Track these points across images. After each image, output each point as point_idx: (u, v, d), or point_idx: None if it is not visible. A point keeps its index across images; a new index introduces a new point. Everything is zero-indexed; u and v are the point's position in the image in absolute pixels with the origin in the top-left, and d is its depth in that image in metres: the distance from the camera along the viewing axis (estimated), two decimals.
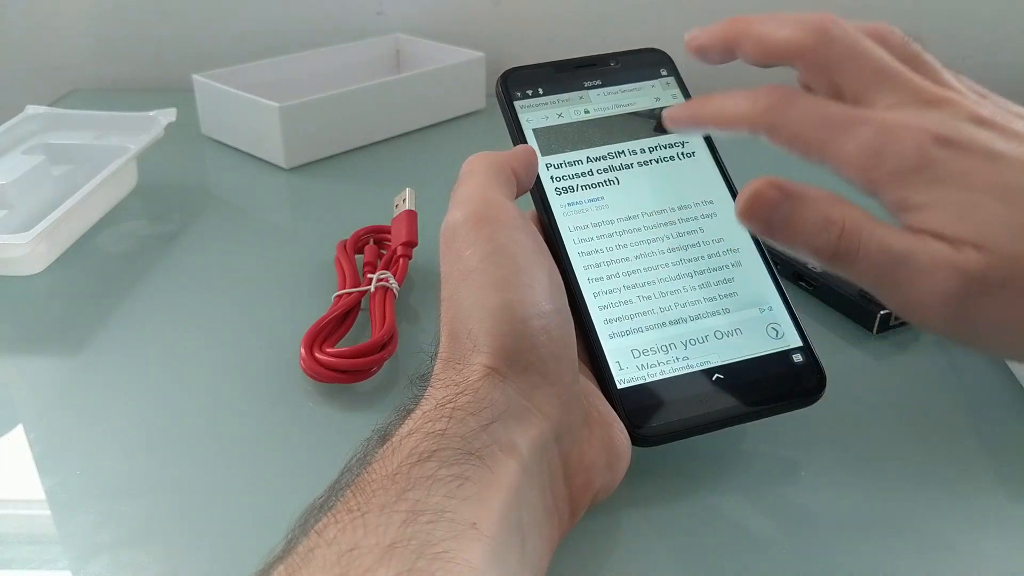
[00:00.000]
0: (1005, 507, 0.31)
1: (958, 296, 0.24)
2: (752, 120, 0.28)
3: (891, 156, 0.25)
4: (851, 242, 0.26)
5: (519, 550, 0.24)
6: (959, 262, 0.24)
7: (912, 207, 0.25)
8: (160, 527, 0.31)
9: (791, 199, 0.26)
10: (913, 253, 0.25)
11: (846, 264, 0.26)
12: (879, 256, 0.25)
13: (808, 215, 0.26)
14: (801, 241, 0.27)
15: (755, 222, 0.27)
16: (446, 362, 0.27)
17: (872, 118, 0.26)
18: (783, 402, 0.32)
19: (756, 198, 0.27)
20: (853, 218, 0.26)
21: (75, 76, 0.80)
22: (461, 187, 0.29)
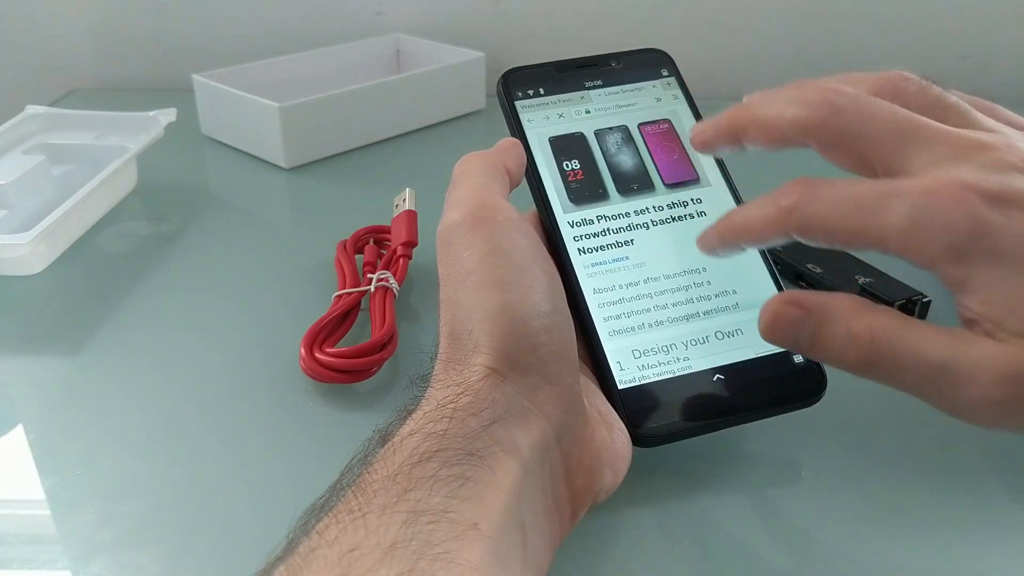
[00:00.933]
0: (1006, 508, 0.31)
1: (1010, 398, 0.23)
2: (781, 226, 0.26)
3: (939, 229, 0.23)
4: (883, 355, 0.24)
5: (520, 550, 0.24)
6: (1005, 365, 0.23)
7: (972, 288, 0.24)
8: (160, 527, 0.31)
9: (813, 316, 0.26)
10: (955, 360, 0.24)
11: (884, 377, 0.25)
12: (916, 366, 0.24)
13: (833, 331, 0.25)
14: (831, 358, 0.26)
15: (780, 342, 0.27)
16: (446, 363, 0.27)
17: (906, 187, 0.24)
18: (784, 403, 0.32)
19: (777, 319, 0.26)
20: (880, 329, 0.25)
21: (75, 76, 0.80)
22: (456, 188, 0.29)
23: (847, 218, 0.25)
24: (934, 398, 0.25)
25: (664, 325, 0.32)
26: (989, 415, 0.24)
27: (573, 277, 0.32)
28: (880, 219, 0.24)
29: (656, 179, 0.35)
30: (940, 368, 0.24)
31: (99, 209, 0.53)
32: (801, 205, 0.26)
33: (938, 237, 0.23)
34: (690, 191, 0.35)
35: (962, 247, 0.23)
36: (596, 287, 0.32)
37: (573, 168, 0.34)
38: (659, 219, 0.34)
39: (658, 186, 0.35)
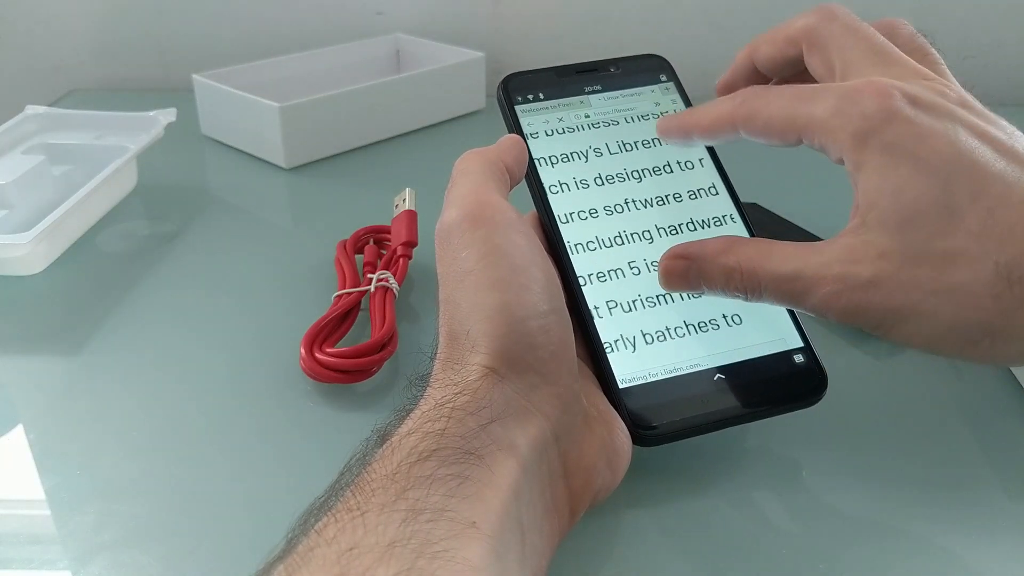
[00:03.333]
0: (1006, 507, 0.31)
1: (843, 293, 0.26)
2: (731, 116, 0.30)
3: (854, 115, 0.26)
4: (753, 281, 0.28)
5: (519, 549, 0.24)
6: (842, 263, 0.26)
7: (862, 177, 0.26)
8: (160, 527, 0.31)
9: (694, 262, 0.29)
10: (802, 269, 0.27)
11: (758, 296, 0.28)
12: (776, 284, 0.27)
13: (711, 271, 0.29)
14: (720, 290, 0.29)
15: (677, 289, 0.30)
16: (445, 362, 0.27)
17: (841, 85, 0.27)
18: (784, 403, 0.32)
19: (669, 272, 0.30)
20: (747, 258, 0.28)
21: (75, 76, 0.80)
22: (455, 187, 0.29)
23: (783, 108, 0.28)
24: (797, 305, 0.28)
25: (665, 325, 0.32)
26: (836, 311, 0.26)
27: (573, 277, 0.32)
28: (810, 108, 0.27)
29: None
30: (792, 278, 0.27)
31: (99, 209, 0.53)
32: (749, 99, 0.29)
33: (851, 122, 0.26)
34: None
35: (867, 132, 0.26)
36: (591, 271, 0.32)
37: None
38: None
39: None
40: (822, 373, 0.32)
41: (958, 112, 0.26)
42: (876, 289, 0.26)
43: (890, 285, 0.25)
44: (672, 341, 0.32)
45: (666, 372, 0.31)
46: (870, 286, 0.26)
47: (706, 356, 0.32)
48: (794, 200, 0.50)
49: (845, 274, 0.26)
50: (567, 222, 0.33)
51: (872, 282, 0.26)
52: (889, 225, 0.25)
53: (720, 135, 0.31)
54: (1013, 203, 0.25)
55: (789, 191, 0.52)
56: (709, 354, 0.32)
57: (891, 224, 0.25)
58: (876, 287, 0.26)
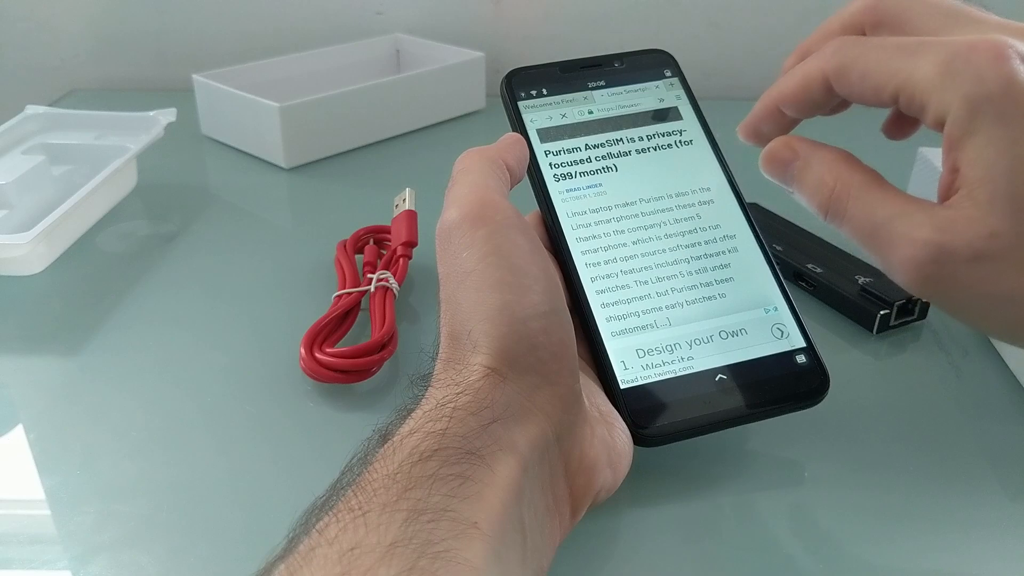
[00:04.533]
0: (1006, 507, 0.31)
1: (933, 261, 0.24)
2: (821, 70, 0.27)
3: (968, 77, 0.23)
4: (838, 206, 0.27)
5: (520, 549, 0.24)
6: (941, 231, 0.24)
7: (968, 146, 0.24)
8: (160, 527, 0.31)
9: (800, 159, 0.28)
10: (896, 218, 0.25)
11: (837, 224, 0.27)
12: (862, 221, 0.26)
13: (809, 175, 0.28)
14: (805, 199, 0.28)
15: (775, 177, 0.29)
16: (446, 362, 0.27)
17: (949, 40, 0.24)
18: (786, 403, 0.32)
19: (771, 155, 0.29)
20: (845, 183, 0.27)
21: (75, 76, 0.80)
22: (455, 186, 0.29)
23: (883, 60, 0.25)
24: (873, 252, 0.26)
25: (667, 325, 0.32)
26: (915, 276, 0.25)
27: (575, 277, 0.32)
28: (914, 60, 0.25)
29: None
30: (882, 225, 0.25)
31: (99, 209, 0.53)
32: (843, 48, 0.27)
33: (963, 85, 0.23)
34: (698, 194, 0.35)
35: (982, 99, 0.23)
36: (592, 271, 0.32)
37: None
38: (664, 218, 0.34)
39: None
40: (824, 373, 0.32)
41: None
42: (978, 268, 0.24)
43: (996, 267, 0.23)
44: (674, 341, 0.32)
45: (668, 372, 0.31)
46: (973, 262, 0.24)
47: (708, 356, 0.32)
48: (794, 200, 0.50)
49: (943, 242, 0.24)
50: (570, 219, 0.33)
51: (976, 258, 0.24)
52: (1004, 204, 0.23)
53: (810, 100, 0.28)
54: None
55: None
56: (711, 354, 0.32)
57: (1007, 203, 0.23)
58: (979, 266, 0.24)
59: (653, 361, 0.31)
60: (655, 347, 0.32)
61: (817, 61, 0.28)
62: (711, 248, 0.33)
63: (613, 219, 0.33)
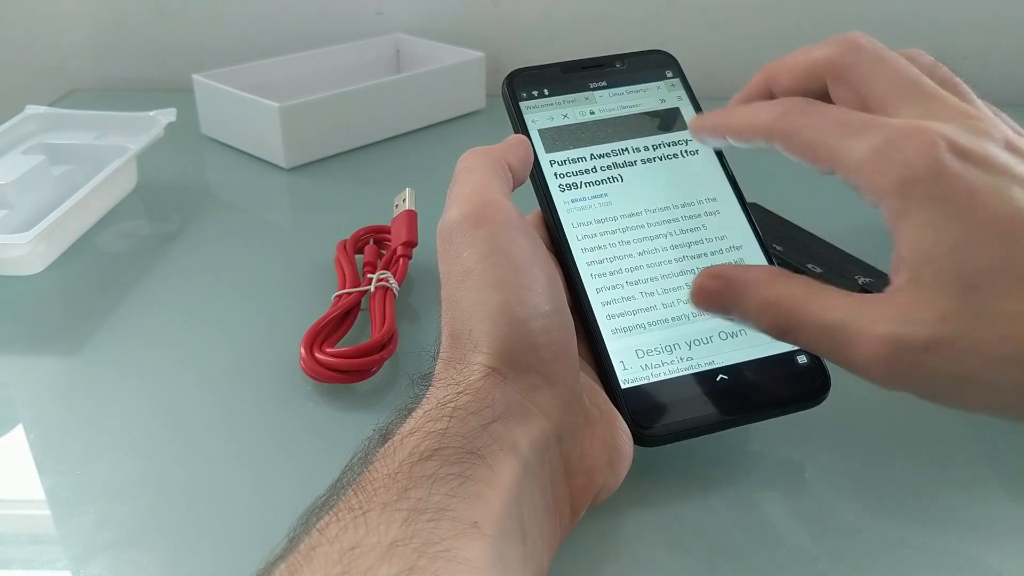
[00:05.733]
0: (1007, 508, 0.31)
1: (895, 353, 0.24)
2: (768, 127, 0.28)
3: (899, 161, 0.24)
4: (789, 319, 0.26)
5: (520, 549, 0.24)
6: (896, 323, 0.24)
7: (906, 227, 0.24)
8: (160, 527, 0.31)
9: (730, 287, 0.27)
10: (849, 319, 0.25)
11: (793, 337, 0.26)
12: (815, 330, 0.25)
13: (748, 299, 0.27)
14: (750, 325, 0.27)
15: (707, 310, 0.28)
16: (447, 362, 0.27)
17: (886, 123, 0.26)
18: (788, 404, 0.32)
19: (701, 291, 0.28)
20: (788, 297, 0.26)
21: (75, 76, 0.80)
22: (457, 185, 0.29)
23: (826, 134, 0.27)
24: (834, 357, 0.26)
25: (668, 324, 0.32)
26: (882, 372, 0.24)
27: (576, 277, 0.32)
28: (853, 142, 0.26)
29: None
30: (836, 328, 0.25)
31: (99, 209, 0.53)
32: (793, 113, 0.28)
33: (893, 168, 0.24)
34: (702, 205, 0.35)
35: (911, 182, 0.24)
36: (593, 270, 0.32)
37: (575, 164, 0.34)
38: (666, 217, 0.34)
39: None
40: (825, 374, 0.32)
41: (1009, 164, 0.25)
42: (935, 354, 0.23)
43: (952, 351, 0.23)
44: (675, 341, 0.32)
45: (669, 372, 0.31)
46: (928, 350, 0.23)
47: (709, 356, 0.32)
48: (794, 200, 0.50)
49: (899, 334, 0.24)
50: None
51: (931, 346, 0.23)
52: (949, 284, 0.23)
53: (754, 142, 0.30)
54: None
55: (789, 191, 0.52)
56: (712, 354, 0.32)
57: (952, 283, 0.23)
58: (936, 352, 0.23)
59: (653, 361, 0.31)
60: (656, 347, 0.31)
61: (767, 115, 0.28)
62: (717, 259, 0.33)
63: (618, 229, 0.33)
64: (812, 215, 0.48)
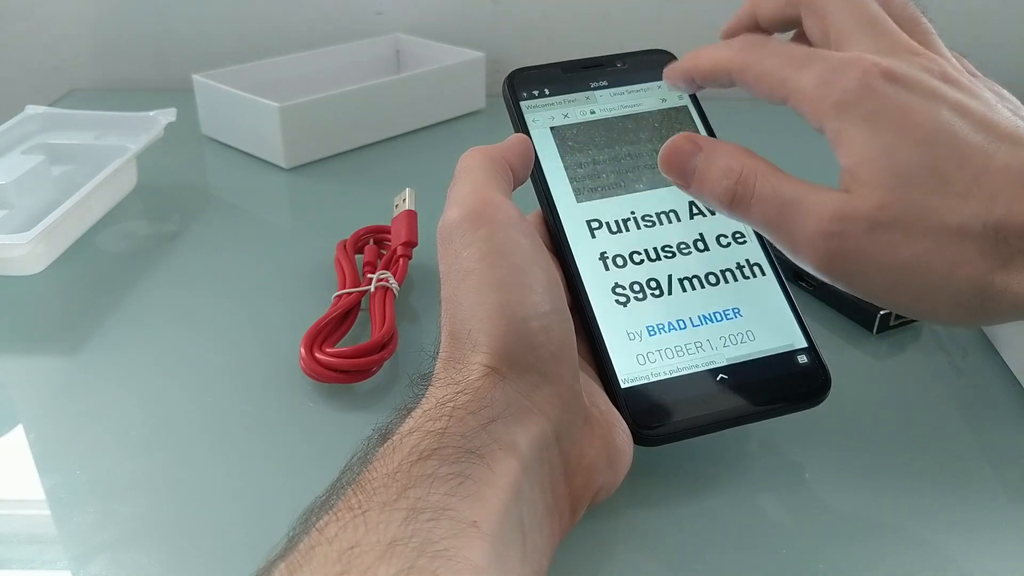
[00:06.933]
0: (1006, 508, 0.31)
1: (838, 235, 0.26)
2: (728, 63, 0.31)
3: (837, 87, 0.27)
4: (746, 189, 0.28)
5: (520, 548, 0.24)
6: (844, 203, 0.26)
7: (843, 142, 0.27)
8: (160, 527, 0.31)
9: (703, 151, 0.30)
10: (803, 197, 0.27)
11: (741, 209, 0.28)
12: (770, 200, 0.28)
13: (713, 164, 0.29)
14: (707, 190, 0.29)
15: (672, 173, 0.30)
16: (446, 361, 0.27)
17: (830, 56, 0.28)
18: (788, 403, 0.32)
19: (672, 150, 0.30)
20: (751, 167, 0.28)
21: (75, 76, 0.80)
22: (457, 184, 0.29)
23: (778, 68, 0.29)
24: (780, 230, 0.28)
25: (669, 324, 0.32)
26: (822, 251, 0.27)
27: (576, 276, 0.32)
28: (799, 73, 0.28)
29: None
30: (789, 203, 0.27)
31: (99, 209, 0.53)
32: (746, 48, 0.30)
33: (832, 94, 0.27)
34: None
35: (847, 104, 0.27)
36: (594, 270, 0.32)
37: (580, 164, 0.34)
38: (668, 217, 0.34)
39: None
40: (826, 374, 0.32)
41: (940, 88, 0.27)
42: (874, 236, 0.26)
43: (890, 234, 0.26)
44: (676, 341, 0.32)
45: (668, 372, 0.31)
46: (870, 232, 0.26)
47: (709, 356, 0.32)
48: None
49: (846, 214, 0.26)
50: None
51: (873, 228, 0.26)
52: (886, 180, 0.26)
53: (718, 80, 0.32)
54: (994, 170, 0.26)
55: None
56: (712, 354, 0.32)
57: (888, 179, 0.26)
58: (875, 234, 0.26)
59: (653, 361, 0.31)
60: (655, 347, 0.31)
61: (726, 52, 0.31)
62: (716, 255, 0.33)
63: (621, 231, 0.33)
64: None
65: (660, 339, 0.32)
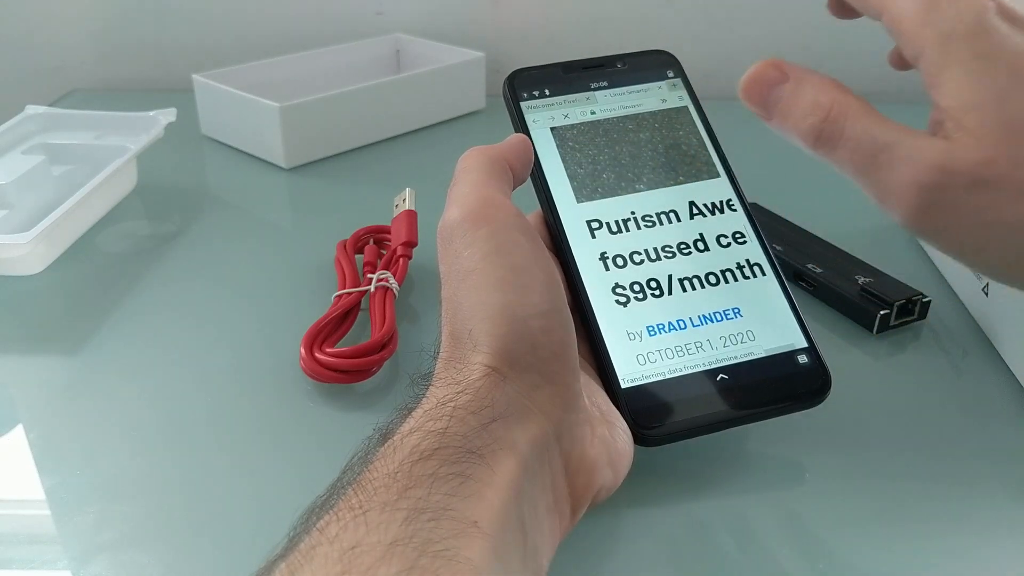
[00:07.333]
0: (1006, 507, 0.31)
1: (936, 187, 0.24)
2: None
3: (948, 15, 0.24)
4: (835, 127, 0.26)
5: (520, 548, 0.24)
6: (944, 153, 0.24)
7: (946, 80, 0.24)
8: (160, 527, 0.31)
9: (791, 81, 0.27)
10: (899, 141, 0.25)
11: (829, 148, 0.26)
12: (862, 141, 0.25)
13: (800, 97, 0.27)
14: (792, 123, 0.27)
15: (753, 102, 0.28)
16: (447, 361, 0.27)
17: None
18: (788, 403, 0.32)
19: (757, 77, 0.28)
20: (842, 104, 0.26)
21: (75, 76, 0.80)
22: (457, 184, 0.29)
23: None
24: (870, 175, 0.26)
25: (669, 324, 0.32)
26: (915, 204, 0.25)
27: (577, 276, 0.32)
28: None
29: (666, 174, 0.35)
30: (883, 145, 0.25)
31: (99, 209, 0.53)
32: None
33: (941, 21, 0.25)
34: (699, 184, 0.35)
35: (955, 37, 0.24)
36: (594, 270, 0.32)
37: (580, 163, 0.34)
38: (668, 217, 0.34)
39: (666, 181, 0.35)
40: (826, 373, 0.32)
41: None
42: (975, 194, 0.24)
43: (992, 192, 0.24)
44: (676, 341, 0.32)
45: (669, 372, 0.31)
46: (970, 189, 0.24)
47: (710, 356, 0.32)
48: (794, 200, 0.50)
49: (946, 166, 0.24)
50: None
51: (974, 184, 0.24)
52: (995, 130, 0.24)
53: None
54: None
55: (789, 191, 0.52)
56: (712, 354, 0.32)
57: (997, 130, 0.24)
58: (976, 191, 0.24)
59: (653, 361, 0.31)
60: (655, 347, 0.31)
61: None
62: (716, 255, 0.33)
63: (621, 231, 0.33)
64: (812, 215, 0.48)
65: (660, 339, 0.32)
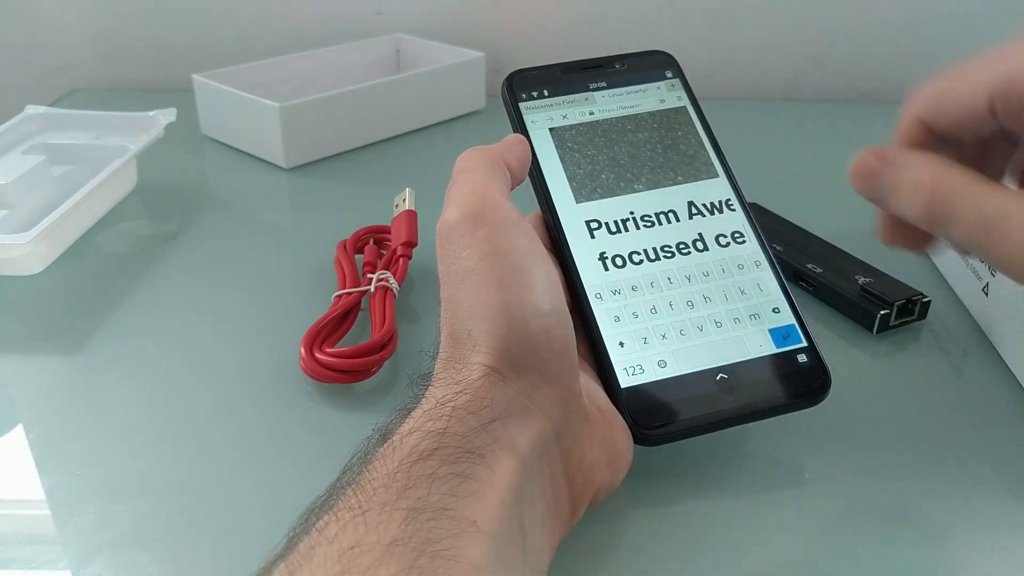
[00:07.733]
0: (1007, 507, 0.31)
1: None
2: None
3: None
4: (944, 205, 0.26)
5: (520, 548, 0.24)
6: None
7: None
8: (160, 527, 0.31)
9: (890, 166, 0.27)
10: (1007, 213, 0.24)
11: (944, 226, 0.26)
12: (972, 215, 0.25)
13: (902, 179, 0.27)
14: (902, 207, 0.27)
15: (865, 194, 0.28)
16: (446, 362, 0.27)
17: None
18: (788, 402, 0.32)
19: (860, 168, 0.28)
20: (945, 180, 0.26)
21: (75, 76, 0.80)
22: (456, 185, 0.29)
23: (972, 66, 0.26)
24: (985, 250, 0.25)
25: (668, 323, 0.32)
26: None
27: (576, 276, 0.32)
28: (1005, 61, 0.25)
29: (665, 174, 0.35)
30: (995, 218, 0.24)
31: (99, 209, 0.53)
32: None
33: None
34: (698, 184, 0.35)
35: None
36: (594, 270, 0.32)
37: (579, 163, 0.34)
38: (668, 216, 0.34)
39: (666, 180, 0.35)
40: (826, 373, 0.32)
41: None
42: None
43: None
44: (675, 340, 0.32)
45: (669, 372, 0.31)
46: None
47: (709, 356, 0.32)
48: (794, 200, 0.50)
49: None
50: None
51: None
52: None
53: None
54: None
55: (789, 191, 0.52)
56: (712, 354, 0.32)
57: None
58: None
59: (653, 361, 0.31)
60: (655, 347, 0.31)
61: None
62: (716, 255, 0.33)
63: (620, 231, 0.33)
64: (812, 215, 0.48)
65: (660, 339, 0.32)
